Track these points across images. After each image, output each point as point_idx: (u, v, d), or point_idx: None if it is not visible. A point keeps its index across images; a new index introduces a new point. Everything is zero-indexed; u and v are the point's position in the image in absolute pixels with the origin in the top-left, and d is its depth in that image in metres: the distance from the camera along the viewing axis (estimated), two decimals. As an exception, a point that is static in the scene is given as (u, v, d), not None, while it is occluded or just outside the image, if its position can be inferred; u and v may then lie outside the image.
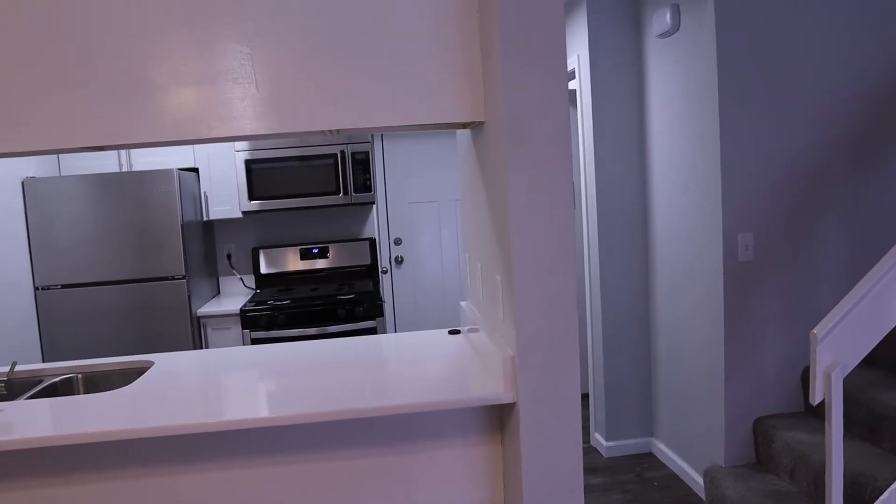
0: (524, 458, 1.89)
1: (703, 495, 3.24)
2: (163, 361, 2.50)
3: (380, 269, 4.51)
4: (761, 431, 3.01)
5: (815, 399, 2.26)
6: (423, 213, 5.37)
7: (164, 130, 1.93)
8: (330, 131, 2.19)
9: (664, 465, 3.62)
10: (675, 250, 3.40)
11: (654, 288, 3.67)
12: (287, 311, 3.82)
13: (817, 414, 3.02)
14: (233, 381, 2.23)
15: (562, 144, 1.84)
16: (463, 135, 2.57)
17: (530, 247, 1.85)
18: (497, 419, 2.14)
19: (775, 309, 3.03)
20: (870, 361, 3.06)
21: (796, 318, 3.05)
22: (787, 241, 3.01)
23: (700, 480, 3.27)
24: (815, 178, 3.01)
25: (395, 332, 5.25)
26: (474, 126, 2.27)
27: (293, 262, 4.36)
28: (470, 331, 2.62)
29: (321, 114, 2.02)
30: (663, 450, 3.65)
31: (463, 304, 2.77)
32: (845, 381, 2.81)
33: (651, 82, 3.53)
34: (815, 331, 2.26)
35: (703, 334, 3.17)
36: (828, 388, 2.23)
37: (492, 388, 1.95)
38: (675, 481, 3.45)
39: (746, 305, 3.00)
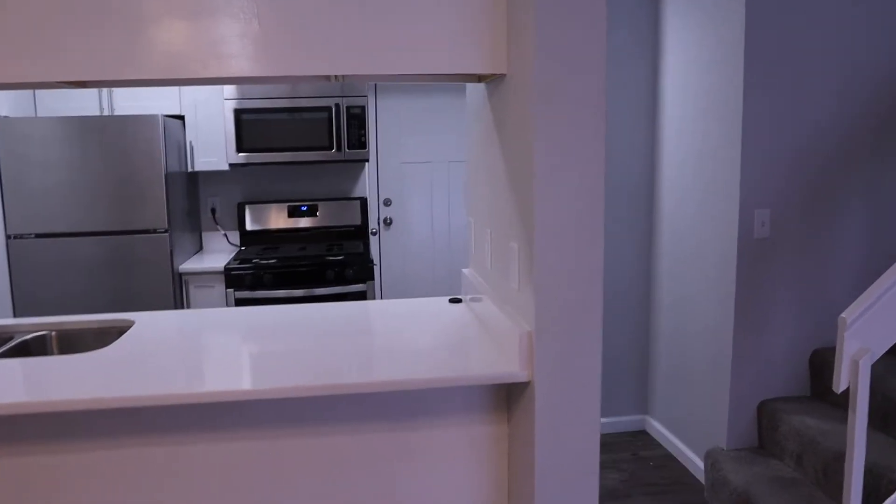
0: (538, 440, 1.76)
1: (700, 477, 3.15)
2: (143, 322, 2.33)
3: (369, 231, 4.34)
4: (766, 415, 2.91)
5: (840, 386, 2.15)
6: (415, 174, 5.18)
7: (154, 67, 1.73)
8: (336, 77, 2.00)
9: (659, 445, 3.53)
10: (683, 225, 3.26)
11: (658, 263, 3.53)
12: (273, 270, 3.64)
13: (824, 399, 2.92)
14: (218, 347, 2.06)
15: (596, 103, 1.67)
16: (475, 90, 2.39)
17: (555, 213, 1.69)
18: (504, 397, 2.00)
19: (788, 289, 2.91)
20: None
21: (809, 299, 2.93)
22: (804, 220, 2.88)
23: (697, 462, 3.18)
24: (836, 157, 2.87)
25: (383, 296, 5.09)
26: (492, 80, 2.09)
27: (280, 219, 4.16)
28: (472, 300, 2.47)
29: (326, 57, 1.82)
30: (659, 428, 3.56)
31: (465, 271, 2.61)
32: (857, 366, 2.71)
33: (667, 46, 3.35)
34: (843, 315, 2.13)
35: (712, 313, 3.05)
36: (854, 375, 2.12)
37: (504, 365, 1.81)
38: (670, 461, 3.36)
39: (759, 284, 2.88)
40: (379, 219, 5.15)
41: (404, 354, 1.92)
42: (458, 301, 2.57)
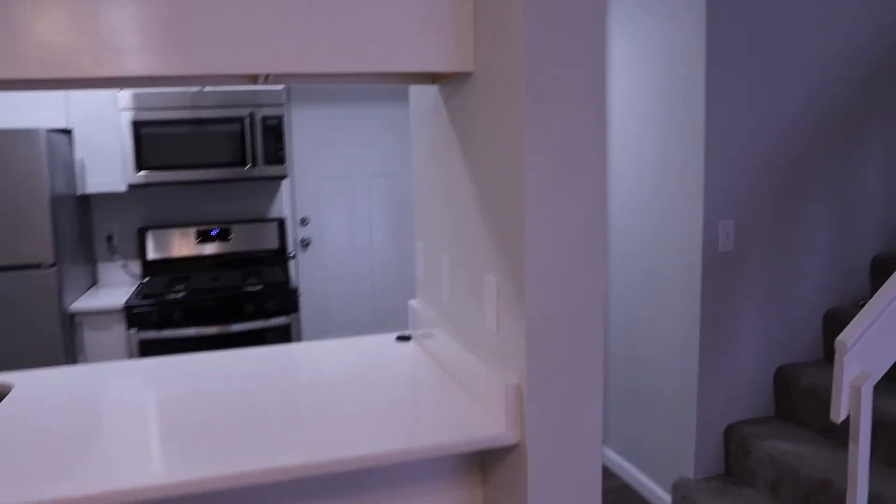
0: (532, 515, 1.45)
1: (666, 510, 2.93)
2: (24, 385, 1.88)
3: (288, 255, 3.94)
4: (735, 440, 2.72)
5: (840, 415, 1.95)
6: (335, 190, 4.82)
7: (31, 63, 1.33)
8: (266, 78, 1.65)
9: (616, 475, 3.30)
10: (640, 242, 3.06)
11: (609, 283, 3.32)
12: (182, 305, 3.20)
13: (790, 419, 2.76)
14: (119, 419, 1.65)
15: (597, 102, 1.40)
16: (423, 93, 2.08)
17: (551, 239, 1.39)
18: (477, 458, 1.69)
19: (753, 304, 2.74)
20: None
21: (774, 313, 2.77)
22: (768, 230, 2.71)
23: (660, 492, 2.97)
24: (799, 163, 2.72)
25: (305, 328, 4.68)
26: (451, 80, 1.78)
27: (187, 245, 3.71)
28: (423, 336, 2.16)
29: (254, 52, 1.47)
30: (614, 458, 3.33)
31: (413, 302, 2.29)
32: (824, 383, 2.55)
33: (613, 40, 3.15)
34: (842, 338, 1.94)
35: (676, 333, 2.84)
36: (856, 402, 1.93)
37: (484, 425, 1.49)
38: (629, 493, 3.13)
39: (724, 300, 2.69)
40: (296, 240, 4.75)
41: (359, 419, 1.58)
42: (406, 339, 2.25)
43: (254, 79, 1.73)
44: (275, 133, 3.42)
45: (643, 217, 3.00)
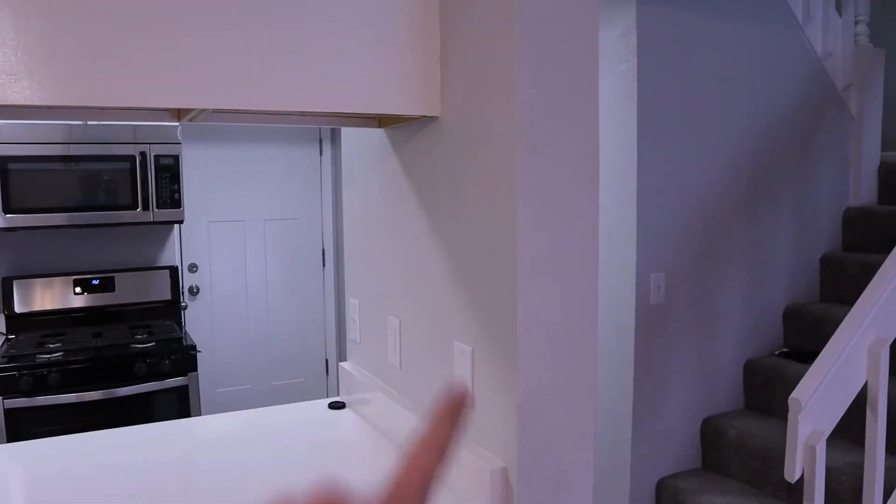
0: None
1: (597, 572, 2.82)
2: None
3: (180, 306, 3.59)
4: (668, 496, 2.67)
5: (795, 474, 1.92)
6: (226, 235, 4.50)
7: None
8: (187, 114, 1.42)
9: (540, 534, 3.17)
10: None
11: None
12: (59, 367, 2.79)
13: (717, 470, 2.75)
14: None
15: (592, 155, 1.28)
16: (362, 137, 1.91)
17: (546, 307, 1.25)
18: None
19: (681, 356, 2.72)
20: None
21: (699, 365, 2.77)
22: (694, 282, 2.72)
23: (590, 553, 2.86)
24: (720, 219, 2.76)
25: (202, 386, 4.30)
26: (402, 124, 1.62)
27: (64, 297, 3.28)
28: (361, 403, 1.95)
29: (177, 81, 1.25)
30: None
31: (345, 365, 2.08)
32: (751, 433, 2.56)
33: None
34: (795, 396, 1.92)
35: (608, 388, 2.77)
36: (810, 462, 1.90)
37: (468, 516, 1.31)
38: (557, 554, 3.00)
39: (655, 353, 2.65)
40: (182, 288, 4.37)
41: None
42: (340, 406, 2.02)
43: (176, 115, 1.49)
44: (170, 173, 3.11)
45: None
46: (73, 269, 3.37)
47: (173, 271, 3.46)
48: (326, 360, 4.88)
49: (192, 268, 4.42)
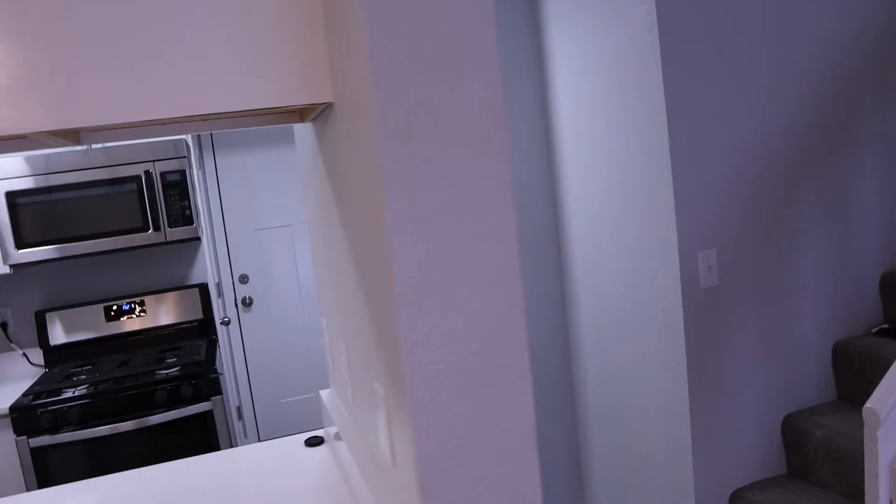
0: None
1: None
2: None
3: (217, 323, 3.46)
4: (744, 513, 2.25)
5: (880, 501, 1.50)
6: (274, 242, 4.36)
7: None
8: (42, 137, 1.19)
9: (609, 552, 2.82)
10: (609, 283, 2.60)
11: (577, 331, 2.86)
12: (81, 402, 2.70)
13: (805, 478, 2.30)
14: None
15: (494, 135, 0.95)
16: (303, 132, 1.63)
17: (441, 339, 0.93)
18: None
19: (748, 345, 2.28)
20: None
21: (774, 353, 2.32)
22: (758, 257, 2.27)
23: (662, 576, 2.48)
24: (784, 179, 2.29)
25: (243, 404, 4.21)
26: (318, 114, 1.33)
27: (96, 325, 3.21)
28: (336, 438, 1.69)
29: (23, 105, 1.02)
30: (605, 530, 2.85)
31: (324, 394, 1.82)
32: (845, 433, 2.09)
33: (553, 50, 2.72)
34: (871, 405, 1.49)
35: (660, 384, 2.38)
36: (897, 490, 1.47)
37: None
38: (627, 576, 2.64)
39: (714, 344, 2.23)
40: (236, 301, 4.27)
41: None
42: (318, 442, 1.77)
43: (75, 138, 1.28)
44: (178, 190, 2.95)
45: (609, 254, 2.55)
46: (102, 296, 3.30)
47: (203, 289, 3.33)
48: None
49: (244, 279, 4.32)
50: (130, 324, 3.24)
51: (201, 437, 2.82)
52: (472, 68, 0.93)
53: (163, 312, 3.27)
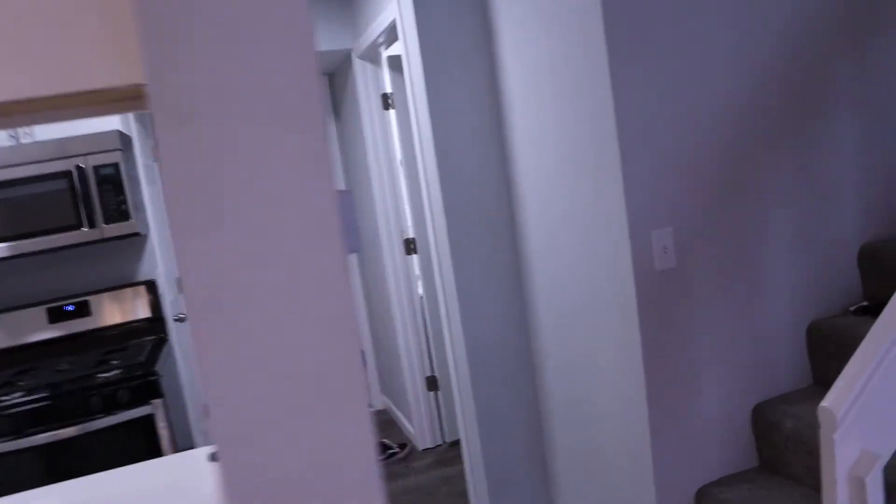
0: None
1: None
2: None
3: (171, 319, 3.30)
4: (711, 511, 2.08)
5: (833, 518, 1.33)
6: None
7: None
8: None
9: (578, 551, 2.66)
10: (561, 263, 2.42)
11: (537, 317, 2.68)
12: (14, 411, 2.55)
13: (778, 470, 2.13)
14: None
15: (304, 116, 0.77)
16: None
17: (244, 373, 0.76)
18: None
19: (711, 330, 2.10)
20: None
21: (740, 338, 2.14)
22: (719, 235, 2.08)
23: (631, 578, 2.32)
24: (749, 147, 2.09)
25: (189, 408, 4.06)
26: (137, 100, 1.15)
27: (39, 327, 3.06)
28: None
29: None
30: (574, 528, 2.69)
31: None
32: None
33: (501, 27, 2.52)
34: (826, 404, 1.31)
35: (614, 377, 2.21)
36: (859, 498, 1.30)
37: None
38: (595, 577, 2.49)
39: (671, 330, 2.05)
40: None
41: None
42: (222, 458, 1.60)
43: None
44: (111, 184, 2.78)
45: (562, 236, 2.37)
46: (44, 297, 3.15)
47: (150, 286, 3.17)
48: (361, 352, 4.50)
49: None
50: (76, 325, 3.09)
51: (146, 442, 2.68)
52: (273, 36, 0.75)
53: (108, 312, 3.12)
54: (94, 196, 2.77)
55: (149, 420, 2.65)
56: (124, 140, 2.89)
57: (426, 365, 3.81)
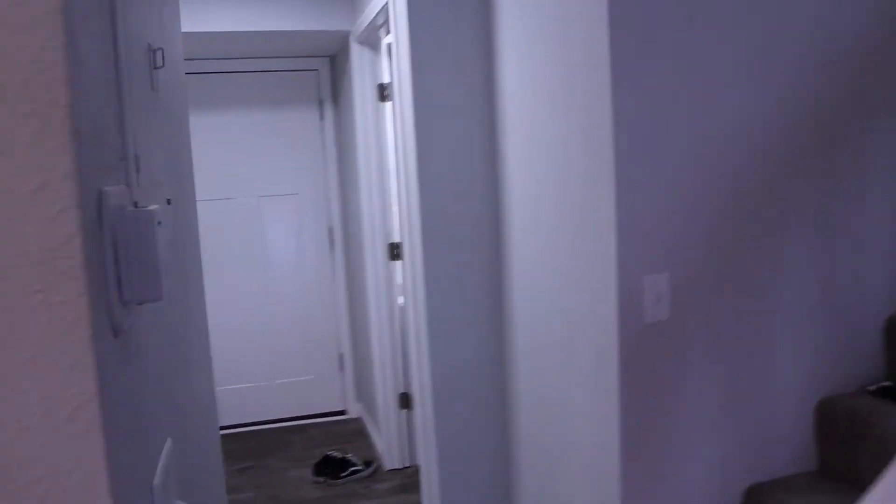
0: None
1: None
2: None
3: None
4: None
5: None
6: (215, 216, 3.95)
7: None
8: None
9: None
10: (541, 293, 2.13)
11: (514, 342, 2.39)
12: None
13: (767, 567, 1.81)
14: None
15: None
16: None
17: None
18: None
19: (703, 397, 1.79)
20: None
21: (740, 411, 1.83)
22: (725, 286, 1.77)
23: None
24: (765, 187, 1.78)
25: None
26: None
27: None
28: None
29: None
30: (530, 592, 2.39)
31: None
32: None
33: (502, 31, 2.22)
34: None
35: (586, 440, 1.91)
36: None
37: None
38: None
39: (658, 397, 1.75)
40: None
41: None
42: None
43: None
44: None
45: (544, 263, 2.07)
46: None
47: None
48: (341, 356, 4.24)
49: (180, 256, 3.90)
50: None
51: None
52: None
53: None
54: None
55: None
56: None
57: (400, 381, 3.53)
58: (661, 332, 1.73)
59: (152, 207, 0.67)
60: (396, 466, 3.59)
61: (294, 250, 4.04)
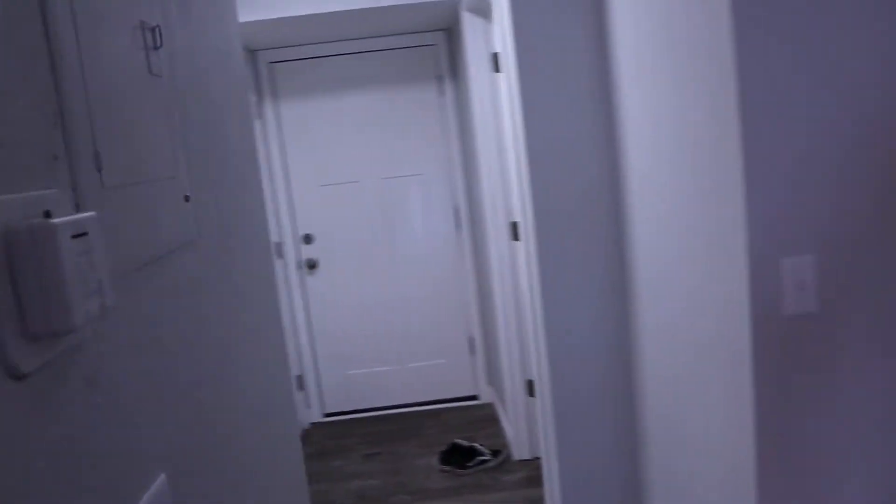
0: None
1: None
2: None
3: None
4: None
5: None
6: (340, 200, 3.93)
7: None
8: None
9: None
10: (662, 266, 1.86)
11: (637, 319, 2.13)
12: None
13: None
14: None
15: None
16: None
17: None
18: None
19: (865, 410, 1.47)
20: None
21: (908, 424, 1.49)
22: (883, 270, 1.43)
23: None
24: (946, 133, 1.41)
25: (305, 374, 3.86)
26: None
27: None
28: None
29: None
30: None
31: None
32: None
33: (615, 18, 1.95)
34: None
35: (718, 459, 1.64)
36: None
37: None
38: None
39: (805, 405, 1.45)
40: (299, 263, 3.91)
41: None
42: None
43: None
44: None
45: (666, 235, 1.80)
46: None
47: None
48: (471, 339, 4.12)
49: (307, 239, 3.93)
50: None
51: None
52: None
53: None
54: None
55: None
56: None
57: (527, 367, 3.35)
58: (807, 327, 1.42)
59: (63, 219, 0.53)
60: (525, 457, 3.43)
61: (421, 232, 3.95)
